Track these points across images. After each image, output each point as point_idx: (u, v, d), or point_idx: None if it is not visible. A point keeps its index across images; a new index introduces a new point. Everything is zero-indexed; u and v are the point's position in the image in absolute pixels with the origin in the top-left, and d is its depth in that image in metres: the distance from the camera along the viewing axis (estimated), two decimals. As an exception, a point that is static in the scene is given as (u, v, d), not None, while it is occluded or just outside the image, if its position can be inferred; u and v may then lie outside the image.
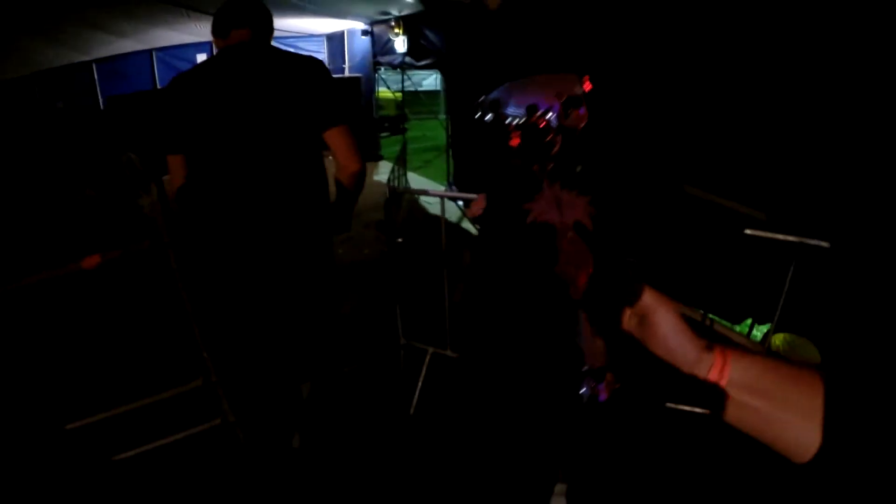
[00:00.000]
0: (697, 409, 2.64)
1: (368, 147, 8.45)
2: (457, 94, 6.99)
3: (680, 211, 3.47)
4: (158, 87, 8.35)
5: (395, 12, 7.24)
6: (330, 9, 7.34)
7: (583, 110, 0.73)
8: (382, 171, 9.01)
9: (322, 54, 10.57)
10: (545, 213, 0.69)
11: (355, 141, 2.24)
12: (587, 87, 0.74)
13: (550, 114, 0.72)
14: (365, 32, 8.75)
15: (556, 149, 0.70)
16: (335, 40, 10.30)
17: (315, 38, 10.43)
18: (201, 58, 8.40)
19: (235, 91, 2.11)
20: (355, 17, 8.28)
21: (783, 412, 0.68)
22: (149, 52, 8.16)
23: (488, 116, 0.74)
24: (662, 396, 2.81)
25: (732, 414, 0.71)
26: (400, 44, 7.49)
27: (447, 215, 3.34)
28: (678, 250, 3.36)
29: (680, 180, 3.55)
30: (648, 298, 0.73)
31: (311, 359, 2.78)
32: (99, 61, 7.34)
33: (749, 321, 3.19)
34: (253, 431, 2.75)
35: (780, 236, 2.57)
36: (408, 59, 7.57)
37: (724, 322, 3.40)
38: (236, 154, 2.15)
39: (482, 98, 0.74)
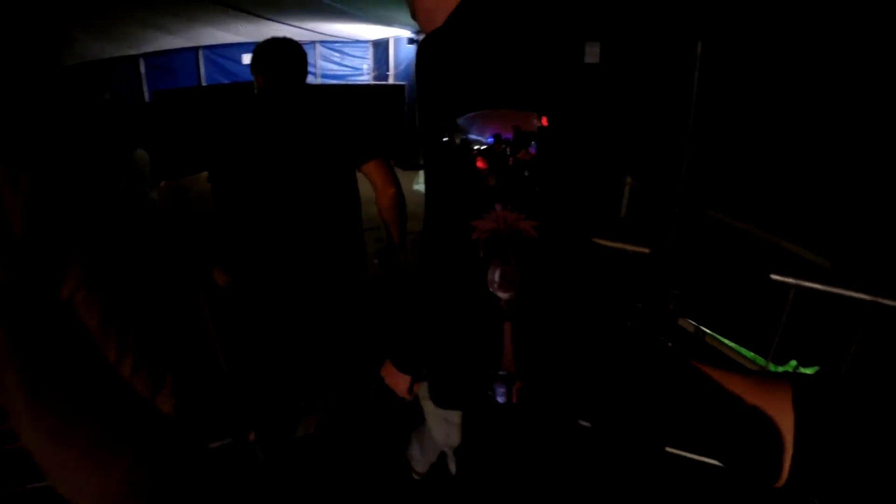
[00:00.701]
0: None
1: (409, 157, 8.39)
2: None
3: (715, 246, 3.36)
4: (204, 83, 8.47)
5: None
6: (374, 15, 7.34)
7: (532, 148, 0.76)
8: (422, 181, 8.78)
9: (367, 60, 10.61)
10: (489, 230, 0.73)
11: (388, 168, 2.41)
12: (544, 122, 0.77)
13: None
14: (411, 41, 8.71)
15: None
16: (380, 47, 10.34)
17: (360, 44, 10.49)
18: (246, 58, 8.48)
19: (273, 141, 2.27)
20: (401, 24, 8.27)
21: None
22: (195, 49, 8.27)
23: (457, 140, 0.77)
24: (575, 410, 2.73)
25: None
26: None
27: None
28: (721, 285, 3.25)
29: (700, 206, 3.46)
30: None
31: (340, 378, 2.87)
32: (146, 55, 7.45)
33: (793, 363, 3.03)
34: (273, 450, 2.70)
35: (808, 284, 2.43)
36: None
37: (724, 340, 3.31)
38: (277, 195, 2.31)
39: (451, 124, 0.75)
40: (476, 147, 0.74)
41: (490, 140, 0.73)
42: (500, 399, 0.69)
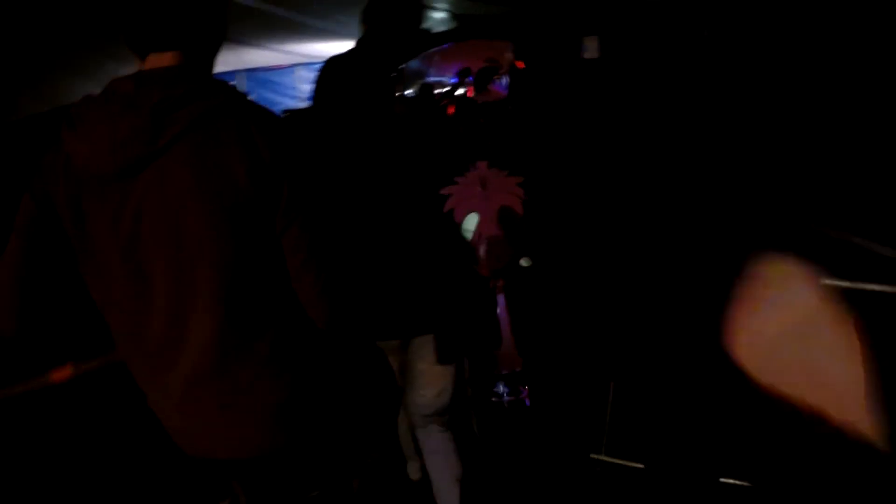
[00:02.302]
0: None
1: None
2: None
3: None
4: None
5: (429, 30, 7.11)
6: (355, 29, 7.16)
7: (502, 87, 0.63)
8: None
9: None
10: (468, 198, 0.63)
11: None
12: (519, 65, 0.63)
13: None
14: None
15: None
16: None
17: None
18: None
19: None
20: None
21: None
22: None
23: (412, 90, 0.62)
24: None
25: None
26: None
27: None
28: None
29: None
30: None
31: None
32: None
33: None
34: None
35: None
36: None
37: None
38: None
39: (400, 68, 0.58)
40: (438, 91, 0.61)
41: (454, 80, 0.60)
42: (507, 399, 0.64)
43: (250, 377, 1.35)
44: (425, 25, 6.79)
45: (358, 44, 2.20)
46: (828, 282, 2.49)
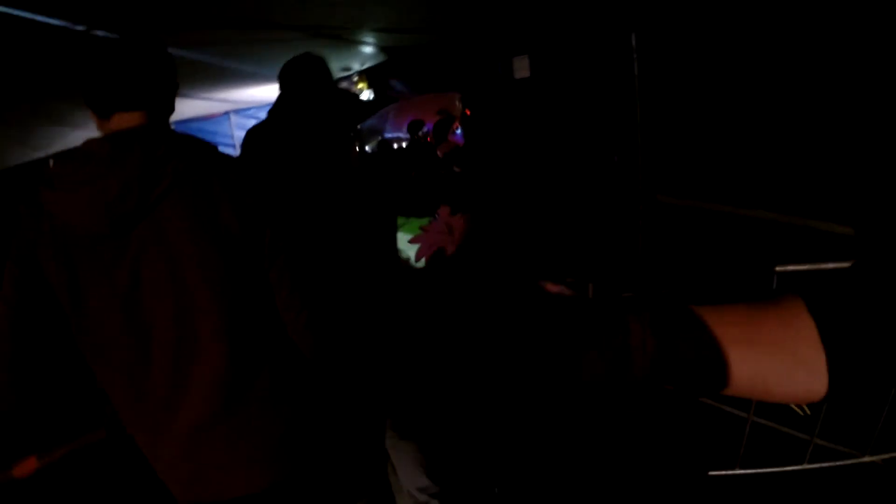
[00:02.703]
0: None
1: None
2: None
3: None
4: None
5: (357, 66, 7.16)
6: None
7: (458, 136, 0.70)
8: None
9: (283, 121, 10.39)
10: (436, 242, 0.67)
11: None
12: (468, 112, 0.70)
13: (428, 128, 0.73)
14: (328, 92, 8.62)
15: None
16: (295, 105, 10.12)
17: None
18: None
19: None
20: (316, 77, 8.17)
21: (746, 348, 0.61)
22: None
23: (370, 146, 0.69)
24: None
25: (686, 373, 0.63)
26: (364, 98, 7.41)
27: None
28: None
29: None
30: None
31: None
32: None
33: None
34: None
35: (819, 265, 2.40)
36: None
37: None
38: None
39: (358, 127, 0.64)
40: (395, 145, 0.67)
41: (405, 135, 0.65)
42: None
43: (254, 415, 1.40)
44: (356, 61, 6.89)
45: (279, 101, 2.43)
46: (781, 268, 2.55)
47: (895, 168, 2.29)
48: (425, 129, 6.33)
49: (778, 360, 0.61)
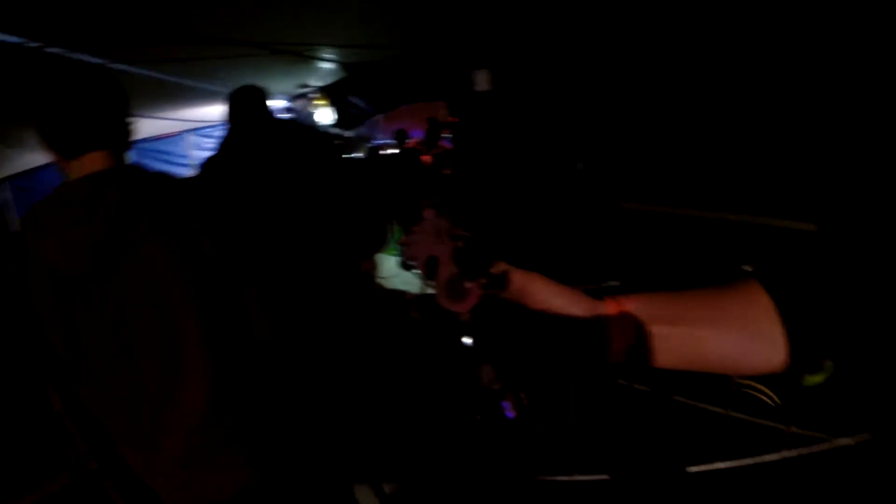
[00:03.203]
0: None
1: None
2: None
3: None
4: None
5: (316, 83, 7.13)
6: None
7: (447, 142, 0.76)
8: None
9: (241, 140, 10.26)
10: (425, 246, 0.73)
11: None
12: (454, 119, 0.76)
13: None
14: (288, 110, 8.55)
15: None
16: (253, 123, 10.00)
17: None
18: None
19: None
20: (274, 95, 8.10)
21: (711, 327, 0.69)
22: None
23: (361, 153, 0.75)
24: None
25: (661, 356, 0.71)
26: (321, 115, 7.34)
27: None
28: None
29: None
30: (517, 277, 0.74)
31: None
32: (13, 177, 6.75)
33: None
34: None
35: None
36: (336, 130, 7.41)
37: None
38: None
39: (346, 136, 0.69)
40: (384, 152, 0.72)
41: (391, 140, 0.69)
42: (510, 414, 0.69)
43: (241, 419, 1.51)
44: (315, 78, 6.86)
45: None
46: (747, 267, 2.61)
47: (855, 164, 2.38)
48: (413, 137, 6.48)
49: (744, 335, 0.68)
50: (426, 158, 5.90)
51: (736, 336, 0.69)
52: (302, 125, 2.86)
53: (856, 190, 0.75)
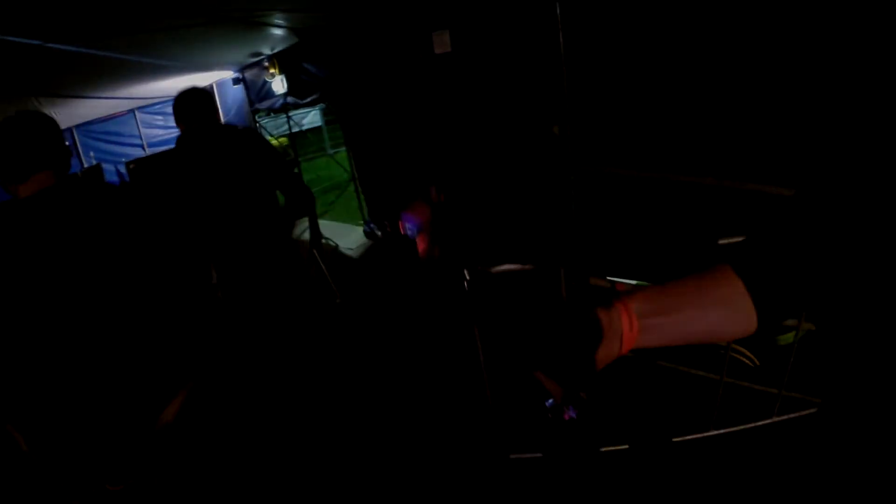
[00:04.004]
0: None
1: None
2: (350, 124, 6.72)
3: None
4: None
5: (267, 51, 6.86)
6: (190, 63, 6.74)
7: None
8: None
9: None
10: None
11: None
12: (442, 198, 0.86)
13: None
14: (237, 80, 8.23)
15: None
16: (203, 97, 9.64)
17: (181, 99, 9.73)
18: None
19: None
20: (224, 66, 7.80)
21: (697, 309, 0.85)
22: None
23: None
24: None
25: (658, 341, 0.85)
26: (278, 84, 7.10)
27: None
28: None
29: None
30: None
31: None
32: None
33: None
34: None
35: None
36: (290, 99, 7.17)
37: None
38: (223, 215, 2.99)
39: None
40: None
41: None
42: (572, 413, 0.77)
43: None
44: (265, 45, 6.61)
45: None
46: (724, 241, 2.56)
47: (831, 127, 2.37)
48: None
49: (724, 312, 0.86)
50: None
51: (717, 313, 0.86)
52: (246, 130, 3.19)
53: (831, 154, 0.85)
